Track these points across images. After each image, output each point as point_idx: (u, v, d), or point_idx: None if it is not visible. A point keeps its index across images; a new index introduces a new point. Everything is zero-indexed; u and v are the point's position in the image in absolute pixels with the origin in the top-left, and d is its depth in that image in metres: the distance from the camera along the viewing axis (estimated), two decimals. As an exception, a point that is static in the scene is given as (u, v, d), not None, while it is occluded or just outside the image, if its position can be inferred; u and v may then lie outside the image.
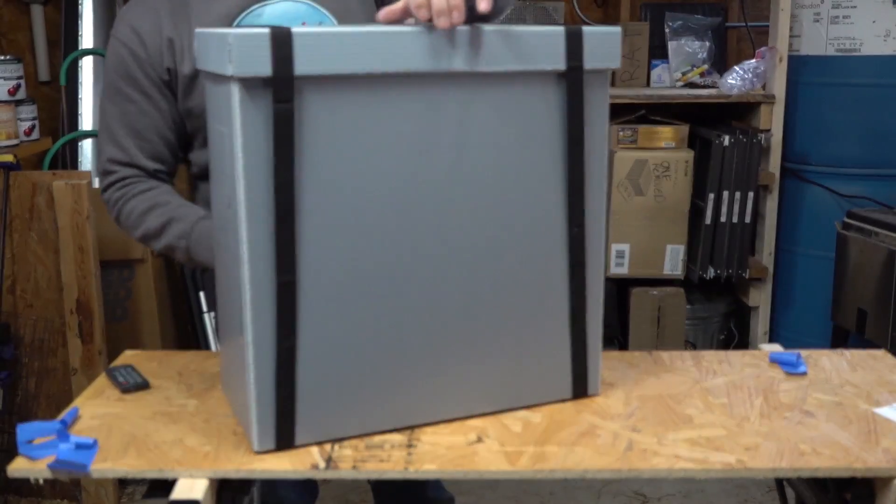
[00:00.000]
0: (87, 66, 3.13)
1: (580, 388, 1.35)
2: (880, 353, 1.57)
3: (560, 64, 1.21)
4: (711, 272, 3.09)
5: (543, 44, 1.20)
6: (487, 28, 1.17)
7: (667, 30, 3.37)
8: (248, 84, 1.07)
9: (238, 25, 1.48)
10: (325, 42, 1.09)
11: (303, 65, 1.08)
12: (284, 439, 1.18)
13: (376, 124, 1.14)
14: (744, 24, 3.36)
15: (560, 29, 1.20)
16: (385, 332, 1.20)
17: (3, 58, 2.76)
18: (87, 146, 3.11)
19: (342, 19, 1.53)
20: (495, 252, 1.25)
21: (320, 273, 1.15)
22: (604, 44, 1.23)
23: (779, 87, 3.04)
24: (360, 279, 1.17)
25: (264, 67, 1.06)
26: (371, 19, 1.35)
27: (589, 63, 1.22)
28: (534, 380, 1.31)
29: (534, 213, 1.26)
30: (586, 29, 1.22)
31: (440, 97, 1.17)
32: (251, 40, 1.06)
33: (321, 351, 1.17)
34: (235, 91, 1.07)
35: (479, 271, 1.25)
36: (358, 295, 1.18)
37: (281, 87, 1.08)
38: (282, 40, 1.06)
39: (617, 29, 1.25)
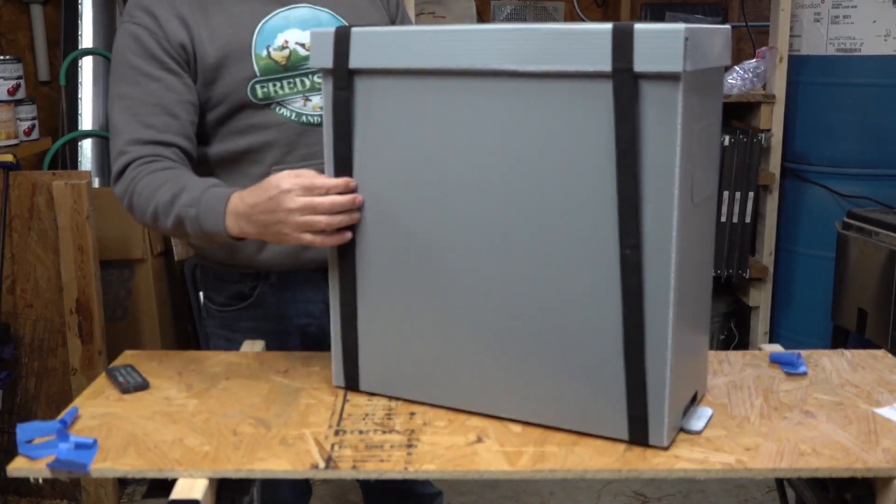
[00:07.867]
0: (86, 65, 3.13)
1: (638, 433, 1.20)
2: (880, 353, 1.57)
3: (605, 65, 1.11)
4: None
5: (586, 42, 1.12)
6: (532, 27, 1.16)
7: (667, 30, 3.37)
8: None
9: (262, 29, 1.52)
10: (377, 39, 1.25)
11: (357, 59, 1.26)
12: (351, 382, 1.39)
13: (422, 114, 1.24)
14: (744, 23, 3.36)
15: (607, 26, 1.11)
16: (431, 311, 1.30)
17: (2, 58, 2.76)
18: (86, 146, 3.11)
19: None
20: (539, 256, 1.21)
21: (372, 239, 1.31)
22: (659, 43, 1.08)
23: (779, 87, 3.03)
24: (408, 254, 1.30)
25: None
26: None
27: (641, 65, 1.09)
28: (582, 406, 1.23)
29: (580, 228, 1.18)
30: (639, 27, 1.09)
31: (482, 95, 1.20)
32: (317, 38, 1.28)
33: (376, 312, 1.34)
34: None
35: (522, 273, 1.23)
36: (406, 270, 1.30)
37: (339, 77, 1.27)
38: (341, 38, 1.26)
39: (678, 27, 1.07)
